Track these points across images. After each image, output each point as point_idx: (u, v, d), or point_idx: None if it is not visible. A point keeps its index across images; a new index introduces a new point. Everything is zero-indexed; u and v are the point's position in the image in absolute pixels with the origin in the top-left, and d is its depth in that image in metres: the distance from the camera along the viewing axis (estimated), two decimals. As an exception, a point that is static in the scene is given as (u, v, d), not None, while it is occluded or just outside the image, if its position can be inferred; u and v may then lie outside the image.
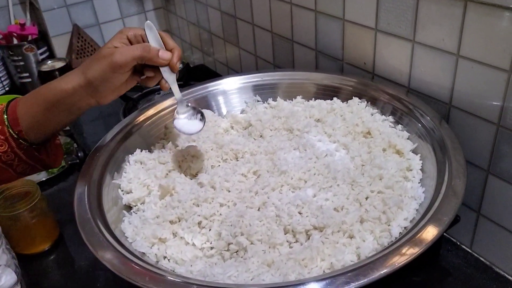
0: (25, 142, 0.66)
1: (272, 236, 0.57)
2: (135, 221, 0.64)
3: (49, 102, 0.65)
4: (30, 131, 0.66)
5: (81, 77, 0.65)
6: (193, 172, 0.72)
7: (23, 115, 0.65)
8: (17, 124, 0.65)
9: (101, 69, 0.64)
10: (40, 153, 0.68)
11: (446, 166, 0.59)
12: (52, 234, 0.84)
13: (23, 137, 0.66)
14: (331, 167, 0.67)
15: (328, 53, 0.92)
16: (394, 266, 0.47)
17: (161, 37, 0.69)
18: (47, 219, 0.82)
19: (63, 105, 0.65)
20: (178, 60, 0.69)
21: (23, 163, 0.68)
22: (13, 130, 0.65)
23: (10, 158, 0.66)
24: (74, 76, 0.65)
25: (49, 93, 0.65)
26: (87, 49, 1.45)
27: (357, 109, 0.78)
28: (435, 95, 0.73)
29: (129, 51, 0.64)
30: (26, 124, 0.65)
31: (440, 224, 0.51)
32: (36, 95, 0.67)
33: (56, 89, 0.65)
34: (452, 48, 0.67)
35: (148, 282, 0.49)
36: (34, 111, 0.66)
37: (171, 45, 0.70)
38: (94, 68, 0.64)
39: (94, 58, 0.65)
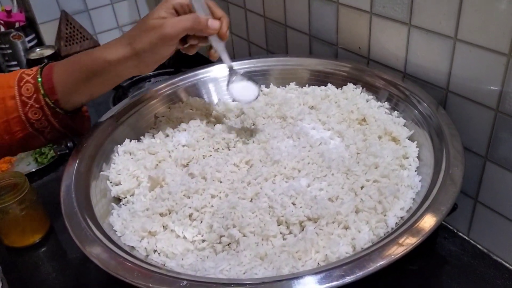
0: (61, 110, 0.66)
1: (265, 228, 0.56)
2: (124, 214, 0.62)
3: (91, 72, 0.65)
4: (66, 100, 0.66)
5: (127, 48, 0.64)
6: (183, 163, 0.70)
7: (60, 83, 0.65)
8: (54, 93, 0.65)
9: (150, 41, 0.63)
10: (73, 121, 0.69)
11: (443, 154, 0.58)
12: (42, 226, 0.82)
13: (59, 106, 0.66)
14: (326, 156, 0.65)
15: (322, 38, 0.89)
16: (391, 257, 0.46)
17: (208, 5, 0.68)
18: (37, 211, 0.81)
19: (106, 75, 0.66)
20: (227, 28, 0.69)
21: (55, 131, 0.68)
22: (49, 99, 0.65)
23: (43, 125, 0.67)
24: (119, 47, 0.65)
25: (92, 62, 0.65)
26: (76, 36, 1.41)
27: (352, 95, 0.77)
28: (431, 80, 0.71)
29: (180, 23, 0.64)
30: (62, 92, 0.65)
31: (438, 214, 0.50)
32: (76, 64, 0.66)
33: (100, 59, 0.65)
34: (450, 31, 0.65)
35: (136, 277, 0.48)
36: (72, 80, 0.66)
37: (219, 13, 0.69)
38: (142, 40, 0.63)
39: (142, 29, 0.64)
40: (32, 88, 0.65)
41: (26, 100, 0.65)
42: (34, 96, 0.65)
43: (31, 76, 0.66)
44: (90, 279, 0.73)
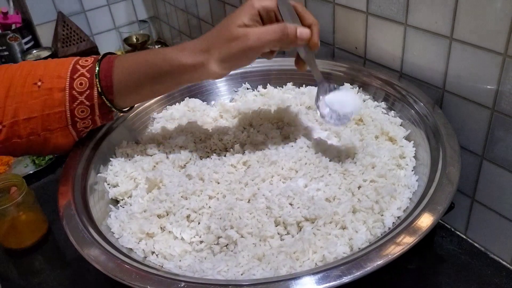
0: (116, 110, 0.63)
1: (263, 229, 0.56)
2: (121, 215, 0.62)
3: (161, 73, 0.60)
4: (121, 99, 0.62)
5: (204, 55, 0.58)
6: (181, 164, 0.70)
7: (120, 82, 0.61)
8: (111, 92, 0.61)
9: (230, 52, 0.57)
10: None
11: (440, 153, 0.58)
12: (40, 228, 0.82)
13: (115, 106, 0.63)
14: (323, 156, 0.65)
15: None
16: (388, 257, 0.46)
17: (295, 9, 0.61)
18: (35, 213, 0.81)
19: (176, 78, 0.61)
20: (318, 37, 0.62)
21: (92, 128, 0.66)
22: (106, 97, 0.61)
23: (86, 125, 0.63)
24: (197, 53, 0.59)
25: (164, 63, 0.60)
26: (73, 38, 1.41)
27: (348, 95, 0.76)
28: (428, 80, 0.71)
29: (267, 36, 0.57)
30: (119, 92, 0.61)
31: (435, 213, 0.50)
32: (143, 63, 0.61)
33: (174, 62, 0.59)
34: (446, 31, 0.65)
35: (134, 279, 0.48)
36: (135, 79, 0.61)
37: (309, 19, 0.62)
38: (223, 50, 0.58)
39: (223, 38, 0.58)
40: (86, 83, 0.60)
41: (77, 95, 0.60)
42: (87, 93, 0.60)
43: (87, 68, 0.61)
44: (88, 281, 0.73)
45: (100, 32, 1.54)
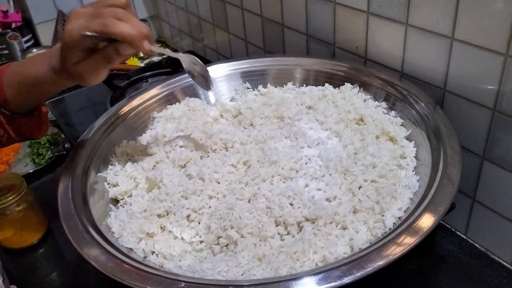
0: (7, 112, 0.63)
1: (263, 229, 0.56)
2: (121, 215, 0.62)
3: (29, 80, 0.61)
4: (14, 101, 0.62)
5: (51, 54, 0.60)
6: (181, 163, 0.70)
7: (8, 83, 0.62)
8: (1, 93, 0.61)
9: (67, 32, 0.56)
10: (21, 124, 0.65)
11: (441, 153, 0.58)
12: (40, 227, 0.82)
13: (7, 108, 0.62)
14: (323, 156, 0.65)
15: (319, 37, 0.89)
16: (389, 258, 0.46)
17: None
18: (35, 212, 0.80)
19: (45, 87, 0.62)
20: None
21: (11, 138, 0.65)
22: None
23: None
24: None
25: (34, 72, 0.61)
26: (73, 37, 1.41)
27: (349, 95, 0.76)
28: (429, 80, 0.71)
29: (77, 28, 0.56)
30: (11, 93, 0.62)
31: (436, 213, 0.50)
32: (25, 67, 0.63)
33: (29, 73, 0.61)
34: (447, 31, 0.64)
35: (134, 280, 0.47)
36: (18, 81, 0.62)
37: None
38: None
39: None
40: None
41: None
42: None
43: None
44: (88, 280, 0.73)
45: (100, 31, 1.53)
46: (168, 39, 1.61)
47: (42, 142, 1.05)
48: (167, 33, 1.59)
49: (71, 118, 1.13)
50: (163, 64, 1.17)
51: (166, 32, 1.60)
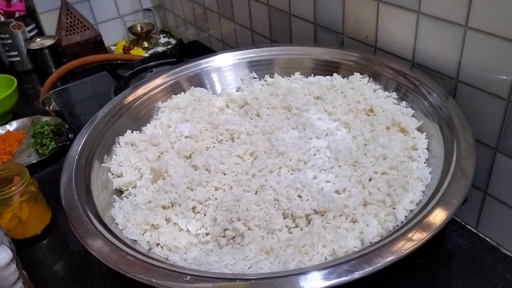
0: None
1: (271, 221, 0.54)
2: (126, 206, 0.60)
3: None
4: None
5: None
6: (186, 154, 0.69)
7: None
8: None
9: None
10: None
11: (454, 146, 0.56)
12: (43, 218, 0.81)
13: None
14: (332, 147, 0.63)
15: (328, 26, 0.87)
16: (401, 252, 0.44)
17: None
18: (38, 203, 0.79)
19: None
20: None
21: None
22: None
23: None
24: None
25: None
26: (77, 26, 1.39)
27: (358, 85, 0.75)
28: (441, 70, 0.69)
29: None
30: None
31: (449, 207, 0.48)
32: None
33: None
34: (460, 19, 0.62)
35: (139, 272, 0.46)
36: None
37: None
38: None
39: None
40: None
41: None
42: None
43: None
44: (92, 271, 0.72)
45: (105, 21, 1.51)
46: (172, 29, 1.59)
47: (45, 132, 1.04)
48: (171, 23, 1.58)
49: (75, 108, 1.11)
50: (168, 54, 1.15)
51: (170, 22, 1.58)
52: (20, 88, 1.19)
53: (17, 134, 1.09)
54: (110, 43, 1.53)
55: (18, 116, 1.16)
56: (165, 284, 0.45)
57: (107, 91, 1.09)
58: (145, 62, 1.12)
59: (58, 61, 1.38)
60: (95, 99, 1.17)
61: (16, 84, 1.16)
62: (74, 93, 1.13)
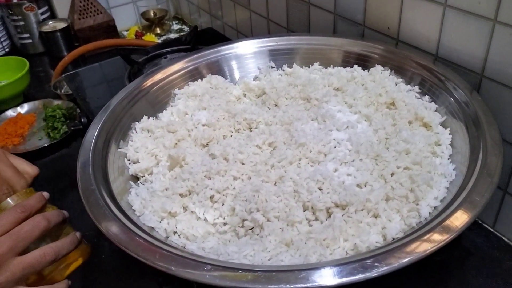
0: None
1: (290, 213, 0.53)
2: (142, 193, 0.60)
3: None
4: None
5: None
6: (203, 142, 0.68)
7: None
8: None
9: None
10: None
11: (480, 143, 0.55)
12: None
13: None
14: (353, 140, 0.62)
15: (348, 17, 0.86)
16: (426, 251, 0.44)
17: None
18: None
19: None
20: None
21: None
22: None
23: None
24: None
25: None
26: (90, 10, 1.38)
27: (380, 77, 0.73)
28: (465, 64, 0.67)
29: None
30: None
31: (475, 207, 0.47)
32: None
33: None
34: (489, 12, 0.61)
35: (158, 260, 0.45)
36: None
37: None
38: None
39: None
40: None
41: None
42: None
43: None
44: (103, 258, 0.71)
45: (117, 6, 1.50)
46: (185, 16, 1.57)
47: (57, 116, 1.04)
48: (185, 10, 1.56)
49: (87, 93, 1.10)
50: (183, 40, 1.14)
51: (184, 8, 1.56)
52: (31, 71, 1.18)
53: (29, 116, 1.08)
54: (123, 28, 1.51)
55: (29, 99, 1.16)
56: (185, 272, 0.44)
57: (119, 76, 1.08)
58: (159, 48, 1.10)
59: (70, 44, 1.37)
60: (106, 84, 1.16)
61: (28, 66, 1.15)
62: (85, 78, 1.13)
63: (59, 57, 1.28)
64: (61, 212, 0.54)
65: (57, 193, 0.85)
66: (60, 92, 1.14)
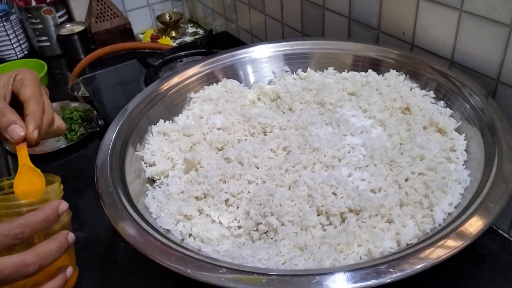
0: None
1: (304, 218, 0.54)
2: (159, 196, 0.61)
3: None
4: None
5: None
6: (218, 146, 0.68)
7: None
8: None
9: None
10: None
11: (495, 149, 0.55)
12: None
13: None
14: (367, 145, 0.62)
15: (363, 21, 0.86)
16: (440, 257, 0.44)
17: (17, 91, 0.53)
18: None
19: None
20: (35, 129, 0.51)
21: None
22: None
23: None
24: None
25: None
26: (107, 13, 1.40)
27: (394, 82, 0.73)
28: (481, 70, 0.67)
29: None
30: None
31: (489, 213, 0.47)
32: None
33: None
34: (506, 18, 0.61)
35: (174, 262, 0.46)
36: None
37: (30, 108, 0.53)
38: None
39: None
40: None
41: None
42: None
43: None
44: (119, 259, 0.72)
45: (134, 9, 1.52)
46: (200, 19, 1.59)
47: (75, 118, 1.05)
48: (199, 13, 1.57)
49: (103, 95, 1.12)
50: (198, 44, 1.15)
51: (199, 12, 1.57)
52: (49, 73, 1.20)
53: (47, 118, 1.10)
54: (138, 32, 1.53)
55: (47, 101, 1.17)
56: (200, 275, 0.45)
57: (135, 79, 1.10)
58: (175, 52, 1.11)
59: (87, 47, 1.39)
60: (122, 86, 1.18)
61: (46, 69, 1.17)
62: (102, 80, 1.14)
63: (77, 60, 1.30)
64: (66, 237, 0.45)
65: (73, 193, 0.87)
66: (77, 94, 1.16)
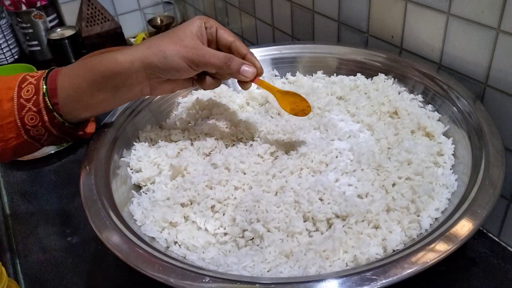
0: (60, 117, 0.59)
1: (291, 224, 0.53)
2: (144, 202, 0.60)
3: (98, 74, 0.57)
4: (67, 106, 0.58)
5: (145, 52, 0.58)
6: (206, 151, 0.68)
7: (63, 87, 0.58)
8: (55, 95, 0.57)
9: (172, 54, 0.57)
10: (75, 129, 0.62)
11: (482, 153, 0.54)
12: None
13: (58, 112, 0.58)
14: (355, 150, 0.62)
15: (352, 25, 0.85)
16: (426, 263, 0.43)
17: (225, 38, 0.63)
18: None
19: (113, 80, 0.58)
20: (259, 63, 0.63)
21: (53, 137, 0.61)
22: (49, 101, 0.57)
23: (40, 133, 0.59)
24: (136, 50, 0.58)
25: (100, 63, 0.58)
26: (97, 17, 1.39)
27: (383, 86, 0.73)
28: (469, 73, 0.67)
29: (211, 58, 0.58)
30: (64, 96, 0.58)
31: (476, 218, 0.47)
32: (84, 64, 0.59)
33: (110, 60, 0.57)
34: (492, 22, 0.61)
35: (157, 271, 0.46)
36: (77, 82, 0.58)
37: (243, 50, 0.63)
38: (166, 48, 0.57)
39: (172, 41, 0.58)
40: (33, 89, 0.57)
41: (24, 102, 0.57)
42: (33, 98, 0.57)
43: (36, 77, 0.59)
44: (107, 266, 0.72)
45: (125, 13, 1.51)
46: (192, 23, 1.58)
47: (64, 123, 1.04)
48: (191, 17, 1.56)
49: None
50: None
51: (190, 15, 1.57)
52: (40, 78, 1.19)
53: (36, 124, 1.09)
54: (129, 35, 1.53)
55: (37, 106, 1.17)
56: (184, 284, 0.44)
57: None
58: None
59: (77, 51, 1.38)
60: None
61: (36, 74, 1.16)
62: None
63: (67, 64, 1.29)
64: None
65: (64, 199, 0.86)
66: (67, 99, 1.15)
